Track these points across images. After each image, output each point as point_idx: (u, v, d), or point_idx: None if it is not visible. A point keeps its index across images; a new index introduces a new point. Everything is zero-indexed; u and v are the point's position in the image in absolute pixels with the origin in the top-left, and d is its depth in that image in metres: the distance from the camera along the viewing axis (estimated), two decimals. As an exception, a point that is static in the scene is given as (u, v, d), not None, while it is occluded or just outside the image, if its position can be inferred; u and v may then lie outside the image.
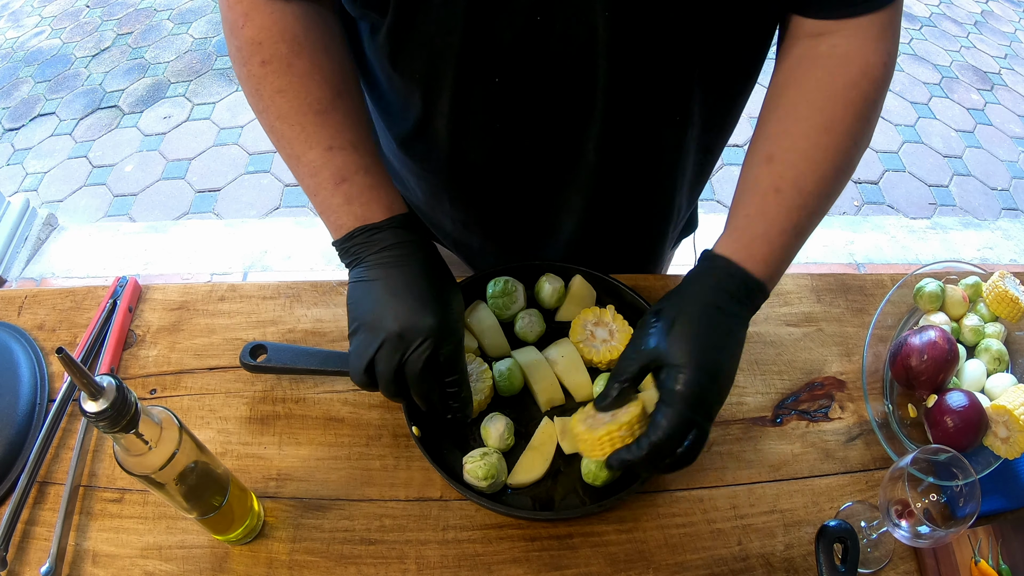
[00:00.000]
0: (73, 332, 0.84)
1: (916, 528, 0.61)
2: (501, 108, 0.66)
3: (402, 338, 0.57)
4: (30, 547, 0.67)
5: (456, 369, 0.62)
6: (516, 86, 0.63)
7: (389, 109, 0.75)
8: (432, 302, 0.59)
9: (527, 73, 0.62)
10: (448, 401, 0.64)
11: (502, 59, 0.61)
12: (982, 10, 3.63)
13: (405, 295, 0.58)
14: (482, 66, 0.61)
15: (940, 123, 2.89)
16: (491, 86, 0.63)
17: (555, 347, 0.77)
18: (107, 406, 0.47)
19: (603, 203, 0.79)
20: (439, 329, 0.58)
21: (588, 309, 0.78)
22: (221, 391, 0.78)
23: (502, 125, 0.68)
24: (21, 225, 2.26)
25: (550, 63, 0.61)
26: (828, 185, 0.61)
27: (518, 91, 0.64)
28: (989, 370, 0.78)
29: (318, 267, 2.20)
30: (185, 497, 0.58)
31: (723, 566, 0.68)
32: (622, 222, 0.85)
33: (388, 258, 0.60)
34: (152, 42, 3.20)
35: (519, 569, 0.67)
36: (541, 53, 0.60)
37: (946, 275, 0.85)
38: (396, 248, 0.60)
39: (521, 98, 0.65)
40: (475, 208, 0.83)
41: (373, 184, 0.61)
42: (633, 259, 0.92)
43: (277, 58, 0.60)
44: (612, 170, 0.74)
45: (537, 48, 0.59)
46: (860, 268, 2.26)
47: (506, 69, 0.62)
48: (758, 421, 0.78)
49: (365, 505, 0.70)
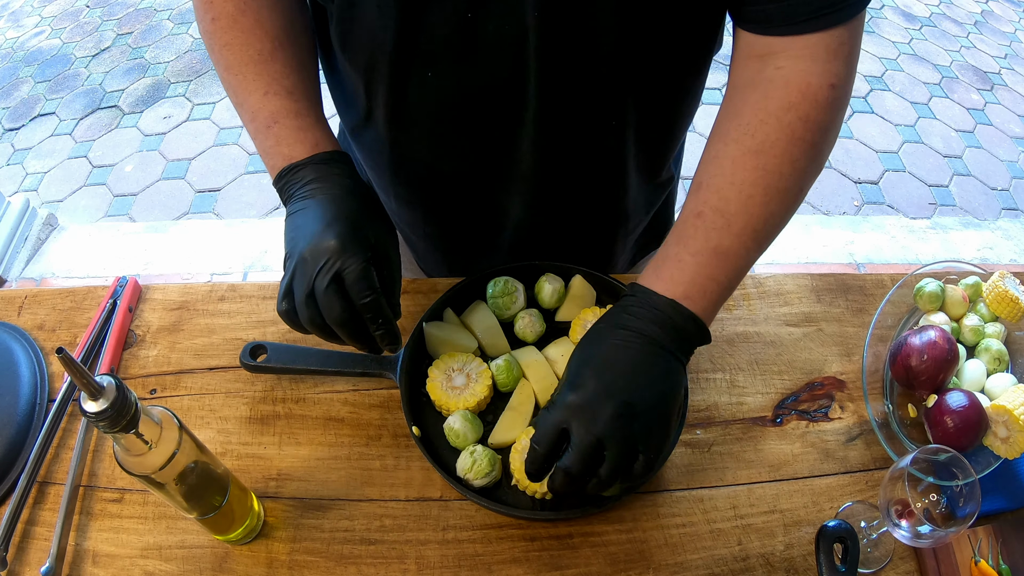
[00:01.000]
0: (73, 332, 0.84)
1: (916, 528, 0.61)
2: (435, 104, 0.67)
3: (306, 261, 0.59)
4: (30, 547, 0.67)
5: (367, 288, 0.58)
6: (448, 82, 0.65)
7: (344, 98, 0.77)
8: (337, 223, 0.59)
9: (459, 69, 0.63)
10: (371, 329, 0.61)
11: (435, 54, 0.62)
12: (982, 10, 3.63)
13: (315, 222, 0.60)
14: (416, 60, 0.63)
15: (940, 123, 2.89)
16: (425, 80, 0.65)
17: (555, 347, 0.77)
18: (107, 406, 0.47)
19: (545, 206, 0.79)
20: (342, 248, 0.58)
21: (588, 309, 0.78)
22: (221, 391, 0.78)
23: (436, 122, 0.69)
24: (21, 225, 2.26)
25: (481, 60, 0.62)
26: (758, 208, 0.58)
27: (451, 87, 0.65)
28: (989, 370, 0.78)
29: (318, 267, 2.20)
30: (185, 497, 0.58)
31: (723, 566, 0.68)
32: (566, 226, 0.84)
33: (308, 192, 0.62)
34: (152, 42, 3.20)
35: (519, 569, 0.67)
36: (472, 50, 0.61)
37: (946, 275, 0.85)
38: (315, 182, 0.62)
39: (454, 94, 0.66)
40: (419, 207, 0.84)
41: (302, 126, 0.64)
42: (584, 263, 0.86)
43: (224, 15, 0.66)
44: (550, 172, 0.74)
45: (468, 44, 0.60)
46: (860, 268, 2.26)
47: (438, 64, 0.63)
48: (758, 421, 0.78)
49: (365, 505, 0.70)
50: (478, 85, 0.64)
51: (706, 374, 0.81)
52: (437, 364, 0.74)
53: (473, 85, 0.64)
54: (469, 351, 0.76)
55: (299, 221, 0.61)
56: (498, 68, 0.62)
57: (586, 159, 0.74)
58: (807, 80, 0.58)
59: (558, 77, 0.63)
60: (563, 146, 0.71)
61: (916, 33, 3.37)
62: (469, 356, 0.74)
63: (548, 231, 0.84)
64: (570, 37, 0.59)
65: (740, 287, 0.89)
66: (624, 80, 0.65)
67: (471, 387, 0.72)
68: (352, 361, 0.76)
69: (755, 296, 0.89)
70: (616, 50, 0.61)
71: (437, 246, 0.91)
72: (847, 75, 0.59)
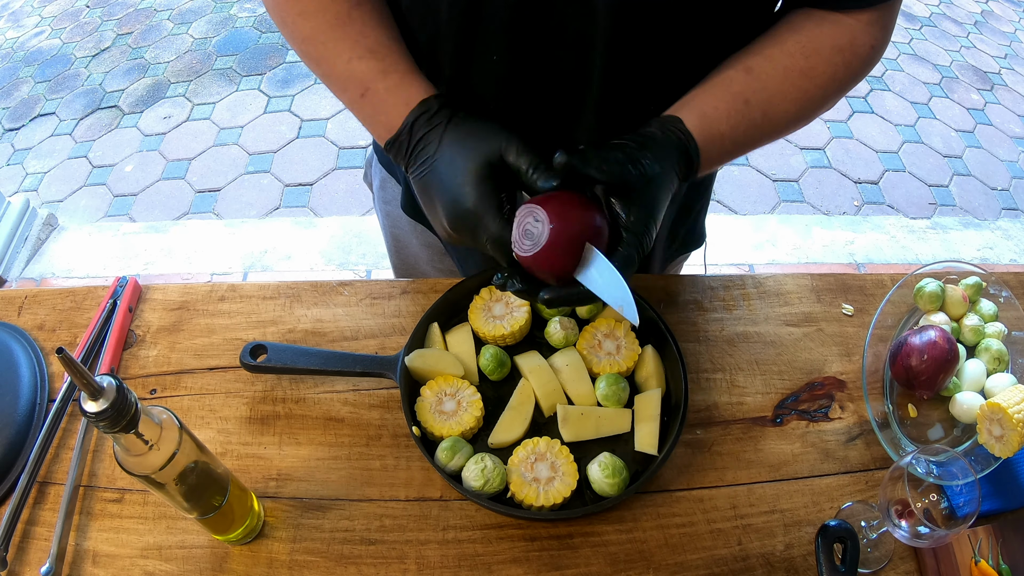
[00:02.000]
0: (73, 332, 0.84)
1: (916, 528, 0.61)
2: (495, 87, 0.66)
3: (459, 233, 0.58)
4: (30, 547, 0.67)
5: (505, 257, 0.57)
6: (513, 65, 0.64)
7: None
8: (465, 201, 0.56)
9: (524, 54, 0.62)
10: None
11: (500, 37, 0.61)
12: (982, 10, 3.63)
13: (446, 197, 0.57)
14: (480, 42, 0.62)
15: (940, 123, 2.89)
16: (488, 64, 0.64)
17: (561, 355, 0.77)
18: (107, 406, 0.47)
19: None
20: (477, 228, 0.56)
21: (604, 319, 0.78)
22: (221, 391, 0.78)
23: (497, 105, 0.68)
24: (21, 225, 2.26)
25: (546, 46, 0.61)
26: (784, 123, 0.64)
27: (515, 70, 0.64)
28: (989, 370, 0.78)
29: (318, 267, 2.20)
30: (185, 497, 0.58)
31: (723, 566, 0.68)
32: None
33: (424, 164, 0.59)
34: (152, 42, 3.20)
35: (519, 569, 0.67)
36: (538, 34, 0.60)
37: (946, 275, 0.85)
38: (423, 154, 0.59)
39: (517, 77, 0.65)
40: None
41: (391, 86, 0.60)
42: None
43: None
44: None
45: (535, 29, 0.60)
46: (860, 268, 2.26)
47: (503, 47, 0.62)
48: (758, 421, 0.78)
49: (365, 505, 0.70)
50: (541, 71, 0.63)
51: (706, 374, 0.81)
52: (430, 385, 0.73)
53: (536, 71, 0.64)
54: (456, 377, 0.74)
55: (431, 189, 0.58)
56: (563, 52, 0.61)
57: None
58: (854, 33, 0.63)
59: (624, 66, 0.62)
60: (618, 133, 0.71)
61: (916, 33, 3.37)
62: (463, 383, 0.74)
63: None
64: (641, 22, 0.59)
65: (740, 287, 0.89)
66: (686, 67, 0.65)
67: (459, 415, 0.71)
68: (352, 361, 0.76)
69: (755, 296, 0.89)
70: (684, 36, 0.62)
71: None
72: (883, 41, 0.65)
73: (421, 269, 1.00)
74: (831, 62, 0.63)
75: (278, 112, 2.82)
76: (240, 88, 2.93)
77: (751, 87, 0.62)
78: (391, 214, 0.97)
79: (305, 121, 2.78)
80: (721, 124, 0.61)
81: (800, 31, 0.64)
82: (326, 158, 2.63)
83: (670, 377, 0.76)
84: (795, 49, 0.63)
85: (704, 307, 0.87)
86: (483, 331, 0.77)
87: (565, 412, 0.72)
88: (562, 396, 0.75)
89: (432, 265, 0.99)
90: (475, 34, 0.61)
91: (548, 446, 0.69)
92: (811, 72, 0.63)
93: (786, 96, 0.63)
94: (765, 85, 0.62)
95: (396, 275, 1.07)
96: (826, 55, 0.63)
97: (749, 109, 0.62)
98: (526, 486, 0.67)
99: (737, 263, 2.25)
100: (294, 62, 3.05)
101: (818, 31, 0.63)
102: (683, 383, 0.73)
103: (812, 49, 0.63)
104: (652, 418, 0.72)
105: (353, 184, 2.53)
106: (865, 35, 0.63)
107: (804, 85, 0.63)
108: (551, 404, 0.74)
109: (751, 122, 0.62)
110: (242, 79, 2.97)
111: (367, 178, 1.02)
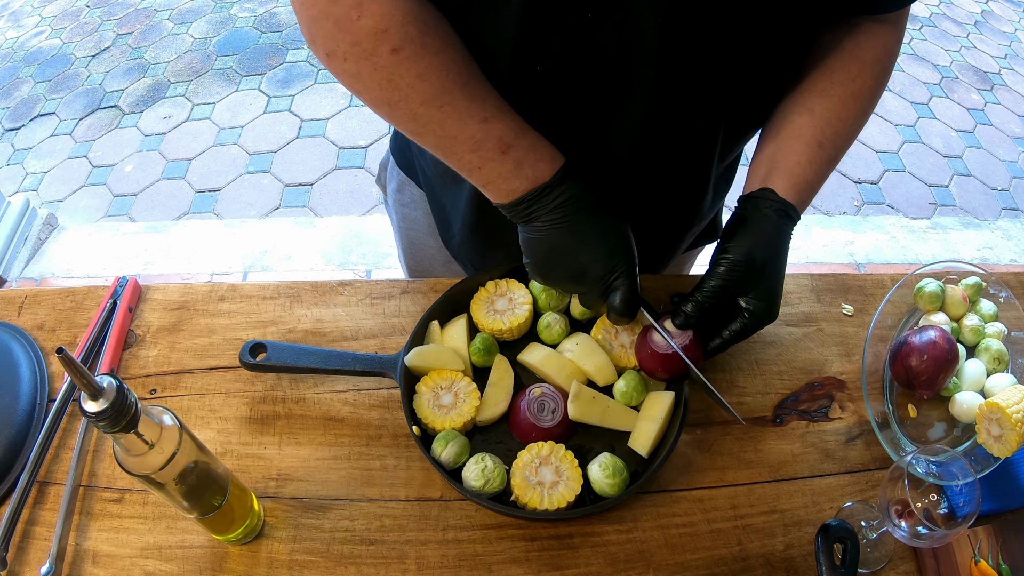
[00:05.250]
0: (73, 332, 0.84)
1: (916, 528, 0.61)
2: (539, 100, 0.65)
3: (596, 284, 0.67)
4: (30, 547, 0.67)
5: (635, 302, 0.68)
6: (558, 78, 0.63)
7: None
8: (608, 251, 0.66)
9: (570, 68, 0.62)
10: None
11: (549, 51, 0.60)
12: (982, 10, 3.63)
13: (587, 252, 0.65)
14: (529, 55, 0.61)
15: (940, 123, 2.89)
16: (532, 74, 0.63)
17: (568, 340, 0.77)
18: (107, 406, 0.47)
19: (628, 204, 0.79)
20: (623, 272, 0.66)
21: None
22: (221, 391, 0.78)
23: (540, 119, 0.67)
24: (21, 225, 2.26)
25: (594, 59, 0.61)
26: (850, 144, 0.71)
27: (560, 84, 0.64)
28: (989, 370, 0.78)
29: (318, 267, 2.20)
30: (185, 497, 0.58)
31: (723, 566, 0.68)
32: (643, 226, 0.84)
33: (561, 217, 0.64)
34: (152, 42, 3.20)
35: (519, 569, 0.67)
36: (587, 47, 0.60)
37: (946, 275, 0.85)
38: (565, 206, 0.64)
39: (562, 92, 0.65)
40: None
41: (534, 144, 0.63)
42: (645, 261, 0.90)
43: (409, 41, 0.55)
44: (641, 171, 0.74)
45: (584, 41, 0.59)
46: (860, 268, 2.26)
47: (551, 59, 0.61)
48: (758, 421, 0.78)
49: (365, 505, 0.70)
50: (587, 85, 0.64)
51: (706, 374, 0.81)
52: (425, 381, 0.73)
53: (582, 85, 0.64)
54: (456, 371, 0.74)
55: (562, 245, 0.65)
56: (609, 67, 0.61)
57: (678, 161, 0.74)
58: (885, 38, 0.69)
59: (670, 81, 0.63)
60: (658, 146, 0.71)
61: (916, 33, 3.37)
62: (459, 375, 0.74)
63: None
64: (688, 42, 0.59)
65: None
66: (731, 86, 0.66)
67: (459, 407, 0.71)
68: (352, 361, 0.76)
69: (755, 296, 0.88)
70: (731, 59, 0.62)
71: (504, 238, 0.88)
72: (902, 37, 0.72)
73: (436, 271, 1.01)
74: (874, 73, 0.69)
75: (278, 112, 2.82)
76: (240, 88, 2.93)
77: (819, 128, 0.68)
78: (408, 216, 0.97)
79: (305, 121, 2.78)
80: (808, 174, 0.68)
81: (841, 52, 0.69)
82: (326, 158, 2.63)
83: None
84: (842, 76, 0.68)
85: (704, 307, 0.87)
86: (483, 323, 0.77)
87: (579, 389, 0.72)
88: (580, 373, 0.75)
89: (447, 268, 0.99)
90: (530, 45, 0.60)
91: (552, 450, 0.69)
92: (862, 91, 0.68)
93: (849, 122, 0.69)
94: (830, 121, 0.68)
95: (409, 276, 1.08)
96: (870, 70, 0.68)
97: (823, 150, 0.68)
98: (530, 490, 0.67)
99: (737, 263, 2.25)
100: (294, 62, 3.05)
101: (856, 48, 0.68)
102: (683, 383, 0.73)
103: (857, 71, 0.68)
104: (654, 419, 0.72)
105: (353, 184, 2.53)
106: (893, 34, 0.69)
107: (860, 106, 0.69)
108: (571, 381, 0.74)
109: (828, 159, 0.69)
110: (242, 79, 2.97)
111: (380, 180, 1.03)
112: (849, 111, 0.69)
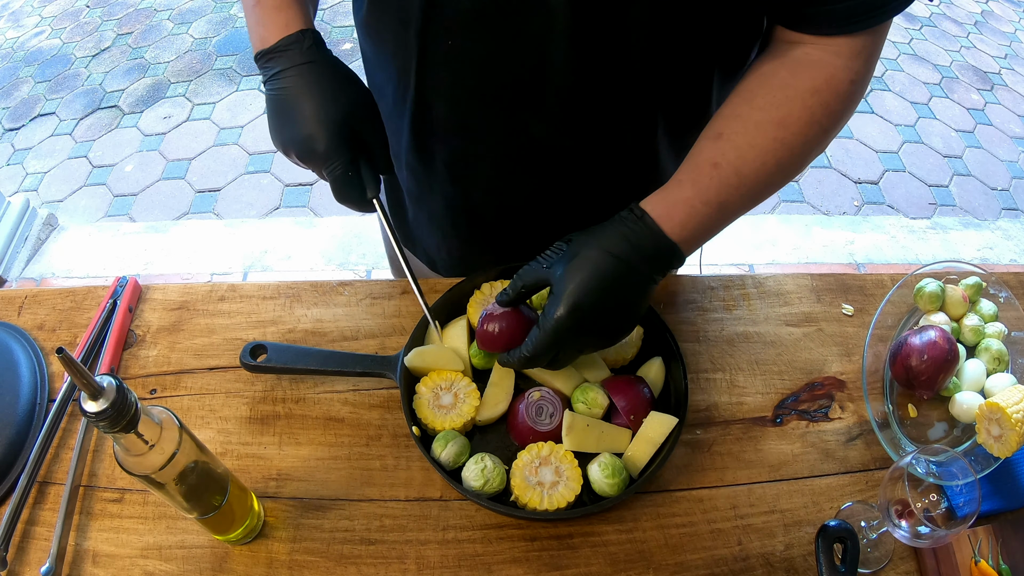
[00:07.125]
0: (73, 332, 0.84)
1: (916, 528, 0.61)
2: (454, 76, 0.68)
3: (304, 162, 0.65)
4: (30, 547, 0.67)
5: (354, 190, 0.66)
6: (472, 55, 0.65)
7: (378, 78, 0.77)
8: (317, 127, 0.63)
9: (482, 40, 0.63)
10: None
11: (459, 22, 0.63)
12: (982, 10, 3.63)
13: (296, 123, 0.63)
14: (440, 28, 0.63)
15: (940, 123, 2.89)
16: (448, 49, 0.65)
17: None
18: (107, 406, 0.47)
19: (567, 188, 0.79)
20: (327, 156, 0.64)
21: None
22: (221, 391, 0.78)
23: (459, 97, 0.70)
24: (21, 225, 2.26)
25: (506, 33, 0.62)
26: (767, 176, 0.63)
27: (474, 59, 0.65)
28: (989, 370, 0.78)
29: (318, 267, 2.20)
30: (185, 497, 0.58)
31: (723, 566, 0.68)
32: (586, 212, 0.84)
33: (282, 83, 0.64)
34: (152, 42, 3.20)
35: (519, 569, 0.67)
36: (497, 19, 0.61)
37: (946, 275, 0.85)
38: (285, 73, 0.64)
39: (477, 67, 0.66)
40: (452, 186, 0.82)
41: (278, 5, 0.65)
42: None
43: None
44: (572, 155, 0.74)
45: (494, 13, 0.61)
46: (860, 268, 2.26)
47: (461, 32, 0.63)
48: (758, 421, 0.78)
49: (365, 505, 0.70)
50: (502, 58, 0.64)
51: (706, 374, 0.81)
52: (425, 381, 0.73)
53: (497, 58, 0.64)
54: (457, 372, 0.74)
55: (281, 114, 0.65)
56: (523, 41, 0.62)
57: (612, 142, 0.73)
58: (832, 71, 0.61)
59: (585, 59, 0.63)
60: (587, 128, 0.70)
61: (916, 33, 3.37)
62: (459, 376, 0.74)
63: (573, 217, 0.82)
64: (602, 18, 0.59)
65: (740, 287, 0.89)
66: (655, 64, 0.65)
67: (458, 407, 0.71)
68: (352, 361, 0.76)
69: (755, 296, 0.89)
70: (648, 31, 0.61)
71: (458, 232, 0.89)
72: (866, 74, 0.63)
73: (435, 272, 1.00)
74: (807, 106, 0.61)
75: (278, 112, 2.81)
76: (240, 88, 2.93)
77: (719, 150, 0.62)
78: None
79: (305, 121, 2.77)
80: (685, 190, 0.62)
81: (771, 82, 0.63)
82: (326, 158, 2.62)
83: (670, 377, 0.76)
84: (766, 103, 0.62)
85: (704, 307, 0.87)
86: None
87: (572, 420, 0.71)
88: (579, 375, 0.75)
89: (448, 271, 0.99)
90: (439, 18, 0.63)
91: (552, 450, 0.69)
92: (786, 120, 0.61)
93: (760, 149, 0.62)
94: (736, 144, 0.62)
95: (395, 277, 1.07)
96: (801, 100, 0.61)
97: (718, 171, 0.61)
98: (530, 490, 0.67)
99: (737, 263, 2.25)
100: (294, 62, 3.05)
101: (791, 77, 0.62)
102: (683, 383, 0.73)
103: (785, 97, 0.62)
104: (651, 442, 0.70)
105: (353, 184, 2.53)
106: (845, 70, 0.61)
107: (779, 135, 0.61)
108: (571, 386, 0.74)
109: (723, 182, 0.61)
110: (242, 79, 2.97)
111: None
112: (766, 139, 0.61)
